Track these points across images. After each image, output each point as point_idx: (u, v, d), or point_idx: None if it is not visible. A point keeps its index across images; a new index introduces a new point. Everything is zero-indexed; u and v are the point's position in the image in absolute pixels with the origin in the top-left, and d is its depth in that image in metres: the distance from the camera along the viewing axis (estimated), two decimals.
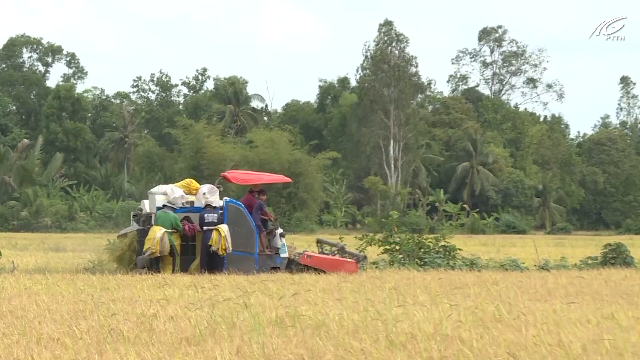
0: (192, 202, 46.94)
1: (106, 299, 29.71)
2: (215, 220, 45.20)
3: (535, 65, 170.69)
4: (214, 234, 44.54)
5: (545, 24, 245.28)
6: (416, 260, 49.22)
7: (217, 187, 47.62)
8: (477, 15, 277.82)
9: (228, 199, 47.79)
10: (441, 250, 52.93)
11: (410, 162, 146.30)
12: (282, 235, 48.40)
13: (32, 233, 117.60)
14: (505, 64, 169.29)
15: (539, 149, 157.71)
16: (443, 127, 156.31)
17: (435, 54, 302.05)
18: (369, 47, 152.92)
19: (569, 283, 38.57)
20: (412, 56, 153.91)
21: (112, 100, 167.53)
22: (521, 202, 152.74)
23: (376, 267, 48.59)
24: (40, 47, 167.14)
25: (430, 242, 54.48)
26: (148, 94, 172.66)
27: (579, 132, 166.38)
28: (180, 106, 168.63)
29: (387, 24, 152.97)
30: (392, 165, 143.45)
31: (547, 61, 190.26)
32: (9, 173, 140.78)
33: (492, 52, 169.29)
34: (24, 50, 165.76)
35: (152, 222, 45.46)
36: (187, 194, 47.19)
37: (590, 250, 58.12)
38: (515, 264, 52.94)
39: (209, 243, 44.62)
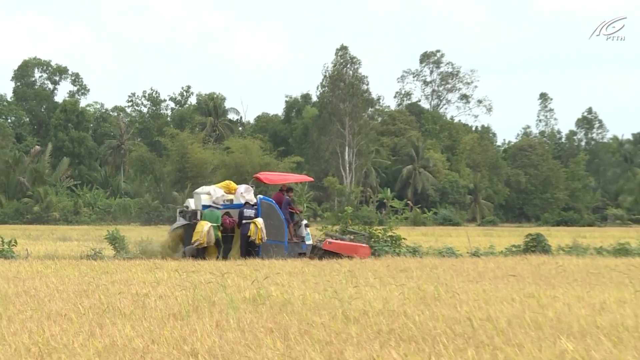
0: (231, 200, 47.66)
1: (105, 281, 29.65)
2: (252, 215, 46.16)
3: (468, 84, 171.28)
4: (252, 226, 45.59)
5: (476, 48, 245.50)
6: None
7: (251, 187, 48.74)
8: (419, 40, 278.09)
9: (261, 196, 48.79)
10: (389, 239, 52.78)
11: (362, 165, 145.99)
12: (306, 226, 49.57)
13: (43, 225, 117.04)
14: (442, 83, 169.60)
15: (471, 154, 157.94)
16: (390, 136, 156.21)
17: (384, 74, 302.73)
18: (327, 68, 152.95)
19: (496, 267, 38.61)
20: (363, 76, 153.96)
21: (110, 112, 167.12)
22: (456, 199, 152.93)
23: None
24: (49, 68, 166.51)
25: (379, 232, 54.38)
26: (140, 107, 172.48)
27: (504, 140, 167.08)
28: (168, 118, 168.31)
29: (343, 48, 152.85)
30: (347, 168, 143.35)
31: (478, 80, 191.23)
32: (23, 174, 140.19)
33: (431, 72, 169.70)
34: (36, 70, 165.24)
35: (198, 217, 46.31)
36: (227, 193, 47.93)
37: (514, 240, 58.12)
38: (451, 251, 52.94)
39: (248, 234, 45.62)
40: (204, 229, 45.17)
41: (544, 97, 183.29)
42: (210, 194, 47.76)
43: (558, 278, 32.24)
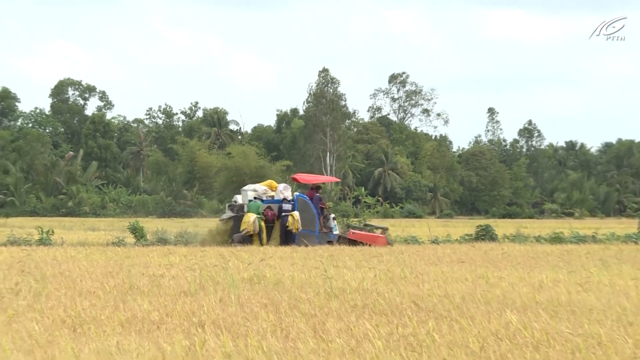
0: (272, 196, 48.35)
1: (127, 264, 29.56)
2: (290, 209, 46.76)
3: (429, 100, 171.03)
4: (290, 218, 46.18)
5: (436, 70, 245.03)
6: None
7: (292, 181, 51.26)
8: (387, 64, 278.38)
9: (297, 193, 49.02)
10: (363, 229, 52.77)
11: (341, 168, 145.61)
12: (334, 219, 49.82)
13: (75, 218, 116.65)
14: (407, 99, 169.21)
15: (431, 159, 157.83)
16: (364, 144, 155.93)
17: (358, 92, 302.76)
18: (311, 87, 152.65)
19: (452, 252, 38.56)
20: (342, 93, 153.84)
21: (131, 124, 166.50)
22: (419, 196, 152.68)
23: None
24: (81, 86, 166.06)
25: (355, 223, 54.53)
26: (156, 119, 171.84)
27: (459, 146, 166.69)
28: (179, 128, 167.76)
29: (324, 70, 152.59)
30: (328, 170, 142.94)
31: (437, 97, 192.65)
32: (59, 175, 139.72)
33: (398, 90, 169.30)
34: (69, 89, 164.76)
35: (245, 210, 46.80)
36: (269, 191, 48.92)
37: (467, 230, 58.08)
38: (414, 239, 52.77)
39: (287, 224, 46.18)
40: (251, 219, 45.84)
41: (491, 111, 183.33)
42: (256, 190, 48.89)
43: (503, 262, 32.20)
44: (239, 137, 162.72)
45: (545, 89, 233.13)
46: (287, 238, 46.00)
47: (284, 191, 48.22)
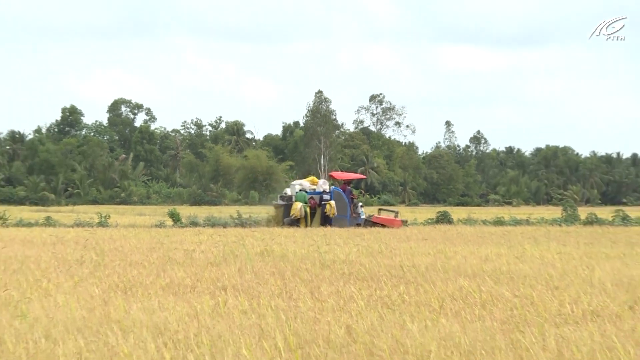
0: (314, 189, 48.26)
1: (167, 241, 29.53)
2: (328, 198, 47.00)
3: (400, 115, 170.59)
4: (328, 206, 46.58)
5: (406, 91, 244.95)
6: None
7: (331, 178, 51.19)
8: (368, 86, 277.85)
9: (334, 187, 49.10)
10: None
11: (332, 167, 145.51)
12: (361, 206, 49.74)
13: (127, 206, 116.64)
14: (383, 114, 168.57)
15: (401, 160, 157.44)
16: (349, 149, 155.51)
17: (346, 108, 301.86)
18: (309, 104, 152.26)
19: (418, 232, 38.53)
20: (332, 109, 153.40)
21: (170, 133, 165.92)
22: (392, 189, 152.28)
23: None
24: (131, 104, 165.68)
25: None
26: (189, 129, 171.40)
27: (423, 151, 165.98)
28: (207, 136, 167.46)
29: (319, 92, 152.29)
30: (322, 169, 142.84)
31: (406, 112, 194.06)
32: (114, 173, 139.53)
33: (376, 107, 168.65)
34: (122, 106, 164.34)
35: (293, 200, 47.02)
36: (312, 185, 48.86)
37: (430, 215, 57.85)
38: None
39: (325, 211, 46.54)
40: (298, 206, 46.22)
41: (448, 123, 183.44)
42: (302, 184, 48.93)
43: (458, 239, 32.15)
44: (253, 143, 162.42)
45: (490, 106, 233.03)
46: (326, 221, 46.16)
47: (323, 185, 48.72)
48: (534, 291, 14.30)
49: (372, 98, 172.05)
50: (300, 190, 47.79)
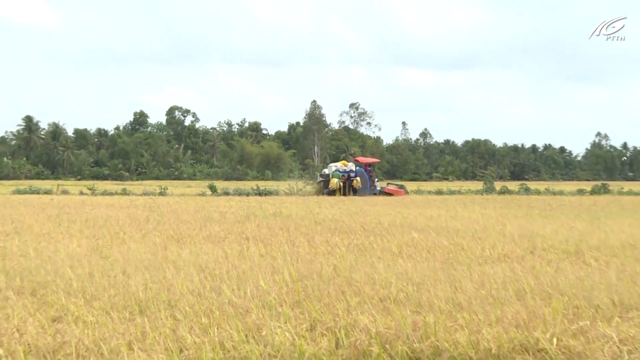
0: (345, 169, 47.72)
1: (207, 205, 29.41)
2: (354, 176, 46.92)
3: (370, 117, 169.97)
4: (354, 181, 46.61)
5: (374, 100, 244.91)
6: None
7: (355, 160, 50.91)
8: (349, 96, 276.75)
9: (358, 168, 48.39)
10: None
11: (323, 154, 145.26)
12: (377, 181, 50.19)
13: (179, 180, 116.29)
14: (359, 117, 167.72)
15: (371, 149, 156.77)
16: (335, 141, 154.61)
17: (332, 112, 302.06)
18: (307, 109, 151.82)
19: (383, 199, 38.34)
20: (323, 113, 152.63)
21: (209, 129, 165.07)
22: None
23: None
24: (182, 109, 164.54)
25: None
26: (223, 127, 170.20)
27: (386, 142, 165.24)
28: (235, 132, 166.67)
29: (314, 101, 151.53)
30: (316, 156, 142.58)
31: (375, 116, 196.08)
32: (170, 158, 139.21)
33: (354, 112, 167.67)
34: (176, 111, 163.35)
35: (330, 177, 46.96)
36: (343, 166, 48.23)
37: None
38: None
39: (352, 184, 46.41)
40: (335, 181, 46.26)
41: (404, 123, 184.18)
42: (337, 166, 48.41)
43: (411, 204, 32.14)
44: (267, 137, 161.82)
45: (433, 111, 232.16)
46: (353, 192, 46.06)
47: (351, 166, 48.07)
48: (463, 240, 14.35)
49: (351, 105, 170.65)
50: (335, 170, 47.74)
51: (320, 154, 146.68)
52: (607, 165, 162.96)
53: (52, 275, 9.57)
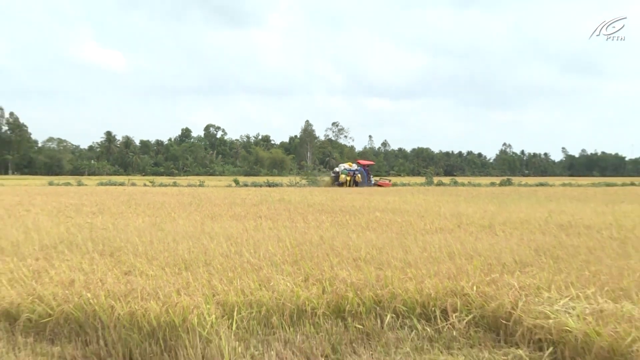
0: (350, 168, 46.56)
1: (232, 194, 29.15)
2: (357, 173, 45.61)
3: (347, 132, 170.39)
4: (357, 177, 45.27)
5: (350, 121, 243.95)
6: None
7: (357, 163, 48.88)
8: (331, 117, 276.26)
9: (359, 167, 47.14)
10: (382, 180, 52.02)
11: (314, 158, 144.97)
12: (373, 177, 48.80)
13: (212, 176, 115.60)
14: (339, 132, 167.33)
15: (347, 154, 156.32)
16: (322, 149, 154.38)
17: (320, 128, 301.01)
18: (302, 127, 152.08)
19: (356, 190, 38.19)
20: (314, 129, 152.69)
21: (234, 140, 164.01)
22: (344, 170, 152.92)
23: (367, 185, 47.11)
24: (215, 126, 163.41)
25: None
26: (244, 139, 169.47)
27: (358, 150, 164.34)
28: (252, 142, 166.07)
29: (307, 121, 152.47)
30: (309, 160, 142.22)
31: (350, 131, 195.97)
32: (206, 160, 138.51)
33: (335, 128, 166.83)
34: (211, 127, 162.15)
35: (339, 173, 45.86)
36: (349, 166, 47.02)
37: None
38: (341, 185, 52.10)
39: (356, 179, 45.10)
40: (343, 177, 45.26)
41: (370, 137, 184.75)
42: (345, 166, 47.15)
43: (375, 193, 31.80)
44: (274, 146, 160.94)
45: (391, 128, 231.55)
46: (355, 184, 45.03)
47: (355, 166, 47.04)
48: (411, 218, 14.32)
49: (333, 123, 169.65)
50: (343, 169, 46.75)
51: (311, 158, 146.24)
52: (510, 165, 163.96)
53: (124, 242, 9.51)
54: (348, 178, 45.52)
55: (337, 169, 48.44)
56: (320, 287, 6.23)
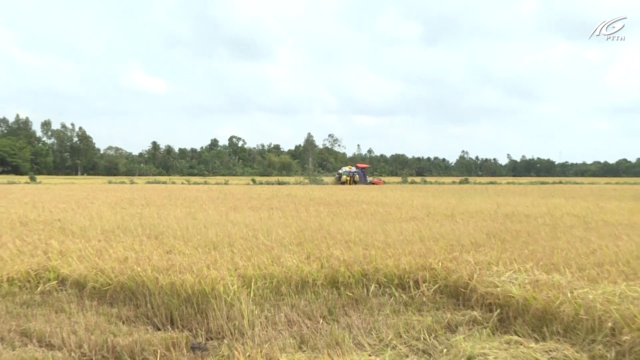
0: (351, 170, 45.29)
1: (250, 190, 28.72)
2: (355, 174, 44.16)
3: (340, 142, 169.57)
4: (356, 177, 43.79)
5: (341, 134, 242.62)
6: (339, 183, 46.81)
7: (356, 166, 47.47)
8: (326, 131, 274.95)
9: (357, 169, 45.81)
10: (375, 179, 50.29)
11: (314, 162, 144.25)
12: (368, 177, 47.21)
13: (235, 177, 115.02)
14: (334, 142, 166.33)
15: (340, 159, 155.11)
16: (320, 155, 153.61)
17: (319, 138, 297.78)
18: (305, 137, 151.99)
19: (347, 187, 37.87)
20: (314, 139, 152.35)
21: (252, 148, 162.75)
22: (335, 169, 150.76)
23: (363, 183, 45.24)
24: (237, 137, 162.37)
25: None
26: (259, 147, 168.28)
27: (349, 156, 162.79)
28: (266, 150, 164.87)
29: (308, 133, 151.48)
30: (310, 164, 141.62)
31: (343, 142, 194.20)
32: (231, 164, 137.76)
33: (331, 139, 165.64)
34: (233, 138, 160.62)
35: (342, 174, 44.47)
36: (350, 168, 45.82)
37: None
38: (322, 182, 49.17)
39: (355, 179, 43.60)
40: (344, 177, 43.99)
41: (358, 145, 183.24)
42: (346, 168, 45.90)
43: (362, 190, 30.99)
44: (283, 152, 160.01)
45: (375, 139, 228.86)
46: (354, 183, 43.68)
47: (353, 168, 45.90)
48: (390, 209, 14.23)
49: (329, 135, 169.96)
50: (345, 170, 45.65)
51: (312, 162, 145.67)
52: (467, 168, 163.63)
53: (166, 227, 9.47)
54: (348, 178, 44.46)
55: (340, 171, 47.42)
56: (319, 263, 6.21)
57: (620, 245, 7.15)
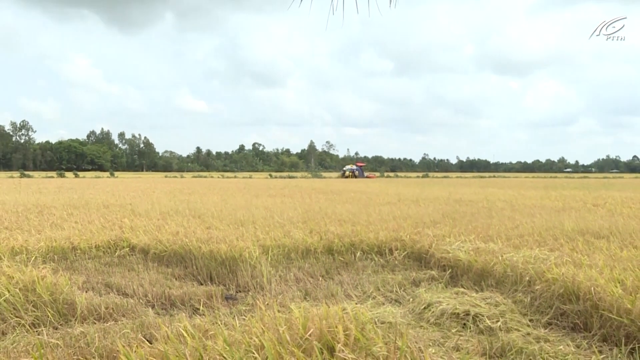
0: (353, 167, 43.71)
1: (268, 182, 28.44)
2: (356, 171, 42.74)
3: (334, 147, 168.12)
4: (356, 172, 42.40)
5: (334, 140, 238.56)
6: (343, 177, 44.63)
7: (356, 165, 45.76)
8: (323, 139, 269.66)
9: (357, 167, 44.13)
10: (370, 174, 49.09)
11: (315, 162, 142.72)
12: (365, 172, 45.92)
13: (255, 172, 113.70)
14: (330, 147, 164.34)
15: (335, 160, 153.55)
16: (320, 157, 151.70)
17: (319, 144, 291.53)
18: (308, 144, 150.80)
19: (339, 180, 37.43)
20: (315, 145, 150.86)
21: (268, 152, 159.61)
22: (332, 168, 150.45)
23: (310, 178, 44.07)
24: (259, 144, 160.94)
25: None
26: (274, 150, 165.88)
27: (340, 158, 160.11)
28: (280, 153, 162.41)
29: (311, 140, 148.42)
30: (312, 164, 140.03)
31: (335, 146, 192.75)
32: (253, 164, 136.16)
33: (327, 144, 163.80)
34: (255, 144, 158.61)
35: (346, 170, 42.79)
36: (352, 166, 44.31)
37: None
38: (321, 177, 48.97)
39: (355, 174, 42.09)
40: (347, 173, 42.45)
41: (348, 149, 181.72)
42: (350, 166, 44.27)
43: (351, 182, 30.56)
44: (292, 154, 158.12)
45: (360, 145, 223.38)
46: (355, 177, 42.23)
47: (354, 166, 44.35)
48: (371, 196, 14.08)
49: (326, 142, 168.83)
50: (348, 168, 44.19)
51: (314, 162, 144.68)
52: (428, 166, 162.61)
53: (206, 210, 9.40)
54: (350, 174, 43.60)
55: (344, 169, 46.27)
56: (319, 236, 6.21)
57: (535, 221, 7.23)
